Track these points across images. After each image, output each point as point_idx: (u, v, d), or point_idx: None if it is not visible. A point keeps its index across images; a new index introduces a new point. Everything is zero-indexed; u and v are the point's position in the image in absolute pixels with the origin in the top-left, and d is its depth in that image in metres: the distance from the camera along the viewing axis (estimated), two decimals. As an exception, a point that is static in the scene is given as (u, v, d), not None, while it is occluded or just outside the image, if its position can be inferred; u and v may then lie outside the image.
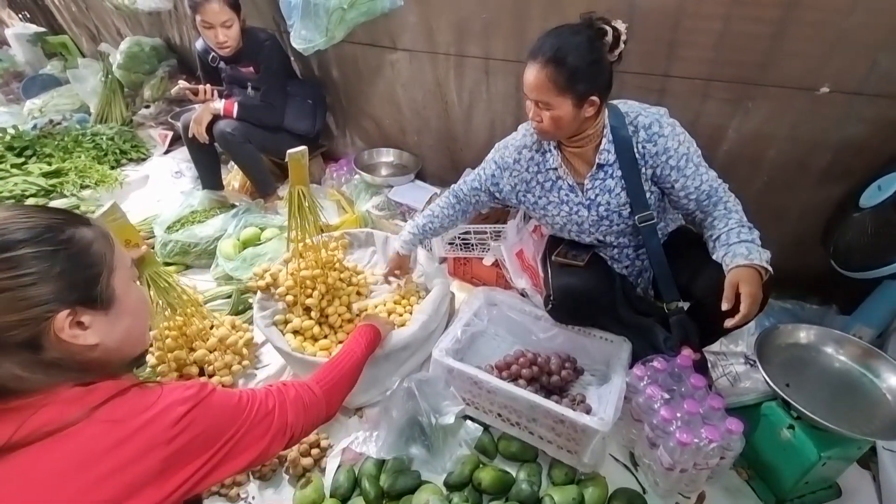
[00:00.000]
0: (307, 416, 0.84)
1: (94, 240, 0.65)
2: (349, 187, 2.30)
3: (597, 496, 1.15)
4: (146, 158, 2.96)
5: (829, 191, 1.47)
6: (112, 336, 0.65)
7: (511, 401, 1.22)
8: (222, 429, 0.69)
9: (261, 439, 0.74)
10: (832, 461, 1.04)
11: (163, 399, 0.63)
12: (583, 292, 1.31)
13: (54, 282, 0.59)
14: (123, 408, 0.60)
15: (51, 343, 0.60)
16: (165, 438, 0.61)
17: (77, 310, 0.61)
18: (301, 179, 1.31)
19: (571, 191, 1.30)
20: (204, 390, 0.68)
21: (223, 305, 1.79)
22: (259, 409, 0.76)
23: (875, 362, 1.07)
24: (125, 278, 0.69)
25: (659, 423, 1.15)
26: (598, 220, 1.31)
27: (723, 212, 1.20)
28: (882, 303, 1.34)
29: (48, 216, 0.63)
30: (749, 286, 1.04)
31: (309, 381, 0.92)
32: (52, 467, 0.56)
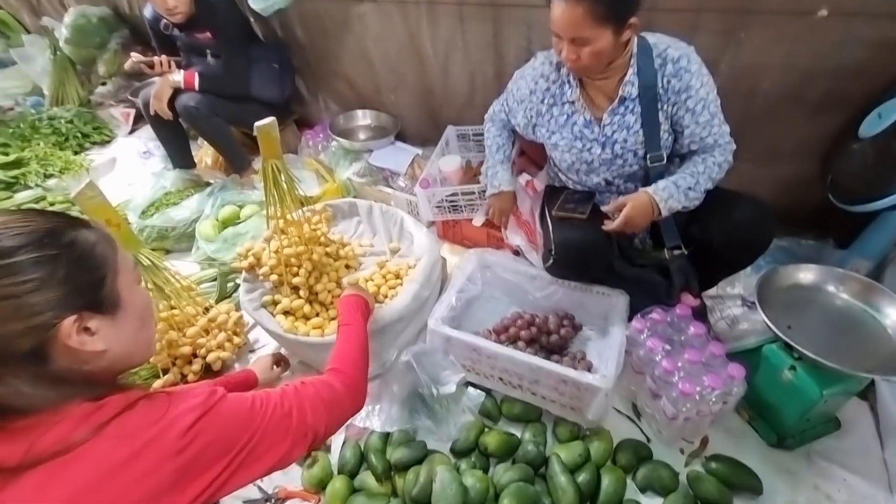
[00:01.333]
0: (330, 414, 0.80)
1: (96, 242, 0.62)
2: (327, 155, 2.20)
3: (602, 450, 1.16)
4: (110, 140, 2.81)
5: (826, 122, 1.41)
6: (120, 342, 0.63)
7: (512, 365, 1.21)
8: (235, 436, 0.66)
9: (279, 444, 0.71)
10: (833, 398, 1.05)
11: (171, 410, 0.61)
12: (585, 246, 1.27)
13: (59, 287, 0.57)
14: (132, 422, 0.59)
15: (57, 352, 0.57)
16: (175, 449, 0.59)
17: (83, 315, 0.58)
18: (273, 153, 1.22)
19: (587, 126, 1.25)
20: (213, 397, 0.65)
21: (209, 289, 1.74)
22: (274, 412, 0.71)
23: (876, 297, 1.06)
24: (130, 281, 0.66)
25: (661, 374, 1.14)
26: (610, 160, 1.26)
27: (697, 160, 1.20)
28: (880, 234, 1.32)
29: (47, 220, 0.60)
30: (634, 208, 1.16)
31: (327, 377, 0.87)
32: (64, 488, 0.54)
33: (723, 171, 1.18)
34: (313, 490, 1.16)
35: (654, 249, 1.46)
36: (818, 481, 1.12)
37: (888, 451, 1.14)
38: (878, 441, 1.18)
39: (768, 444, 1.19)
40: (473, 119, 1.99)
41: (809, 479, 1.12)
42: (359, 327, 1.05)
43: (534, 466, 1.13)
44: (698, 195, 1.19)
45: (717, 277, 1.41)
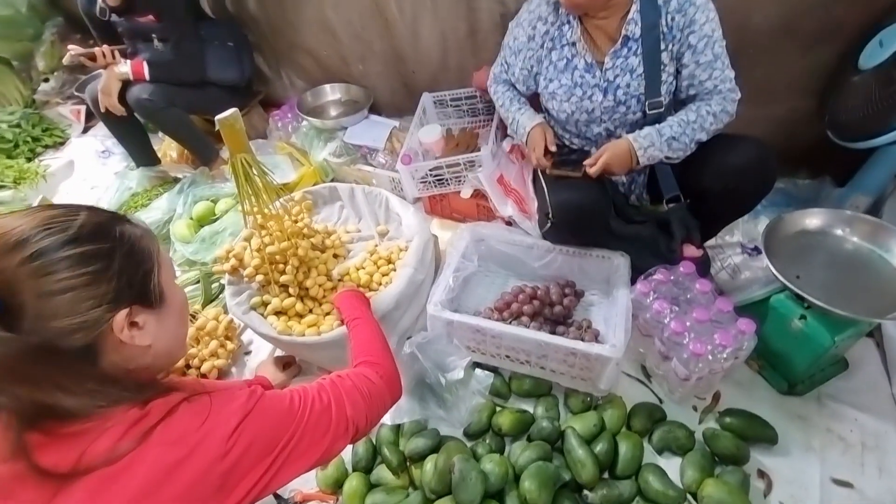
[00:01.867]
0: (370, 406, 0.78)
1: (142, 236, 0.63)
2: (299, 136, 2.07)
3: (616, 417, 1.15)
4: (64, 142, 2.62)
5: (822, 55, 1.34)
6: (163, 337, 0.64)
7: (518, 342, 1.17)
8: (278, 434, 0.65)
9: (322, 439, 0.70)
10: (844, 342, 1.04)
11: (214, 413, 0.61)
12: (584, 206, 1.22)
13: (112, 281, 0.57)
14: (177, 427, 0.58)
15: (108, 349, 0.58)
16: (221, 453, 0.58)
17: (133, 309, 0.59)
18: (240, 146, 1.12)
19: (588, 70, 1.18)
20: (253, 398, 0.64)
21: (193, 292, 1.66)
22: (313, 408, 0.70)
23: (885, 237, 1.03)
24: (170, 277, 0.68)
25: (670, 336, 1.12)
26: (612, 107, 1.20)
27: (692, 108, 1.15)
28: (879, 169, 1.28)
29: (95, 214, 0.60)
30: (611, 153, 1.15)
31: (361, 369, 0.85)
32: (116, 498, 0.54)
33: (719, 121, 1.12)
34: (330, 490, 1.14)
35: (651, 204, 1.42)
36: (830, 423, 1.13)
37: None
38: (886, 377, 1.18)
39: (779, 391, 1.19)
40: (449, 83, 1.88)
41: (822, 422, 1.13)
42: (368, 318, 1.02)
43: (550, 442, 1.11)
44: (684, 146, 1.14)
45: (719, 226, 1.38)
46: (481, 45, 1.73)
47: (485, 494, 0.98)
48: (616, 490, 1.04)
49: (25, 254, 0.52)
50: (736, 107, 1.14)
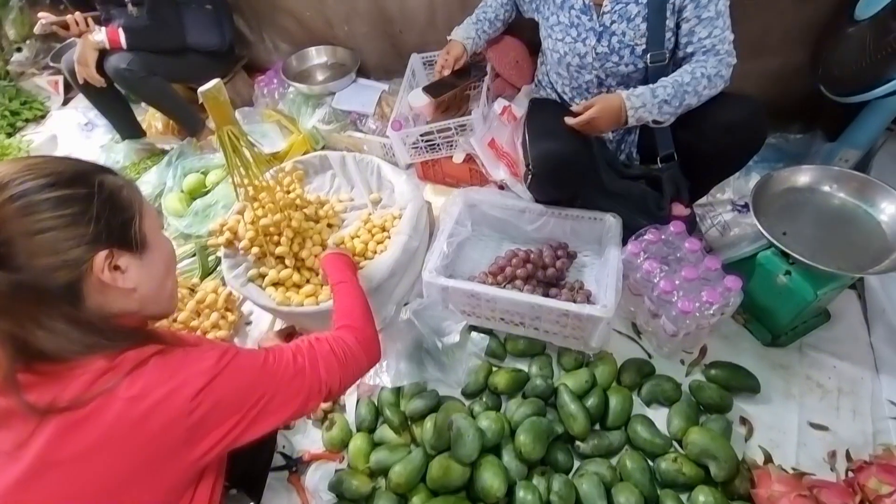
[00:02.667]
0: (345, 370, 0.81)
1: (124, 186, 0.67)
2: (286, 103, 2.02)
3: (608, 373, 1.20)
4: (45, 115, 2.55)
5: (816, 5, 1.32)
6: (148, 283, 0.67)
7: (512, 306, 1.20)
8: (248, 393, 0.68)
9: (293, 399, 0.73)
10: (827, 295, 1.07)
11: (184, 369, 0.63)
12: (564, 156, 1.21)
13: (91, 224, 0.60)
14: (145, 381, 0.60)
15: (90, 290, 0.61)
16: (187, 410, 0.61)
17: (114, 252, 0.62)
18: (225, 118, 1.10)
19: (584, 12, 1.17)
20: (224, 358, 0.66)
21: (190, 265, 1.67)
22: (287, 369, 0.74)
23: (871, 193, 1.05)
24: (155, 227, 0.71)
25: (659, 295, 1.15)
26: (605, 54, 1.19)
27: (686, 69, 1.12)
28: (870, 123, 1.28)
29: (76, 163, 0.64)
30: (600, 109, 1.12)
31: (341, 332, 0.87)
32: (78, 442, 0.57)
33: (713, 86, 1.09)
34: (336, 450, 1.20)
35: (641, 163, 1.42)
36: (810, 371, 1.18)
37: (874, 335, 1.20)
38: (865, 327, 1.23)
39: (763, 343, 1.24)
40: (438, 42, 1.80)
41: (802, 370, 1.19)
42: (352, 283, 1.04)
43: (543, 398, 1.17)
44: (674, 110, 1.12)
45: (709, 185, 1.39)
46: (469, 1, 1.67)
47: (482, 449, 1.04)
48: (606, 440, 1.10)
49: (8, 195, 0.56)
50: (730, 73, 1.12)
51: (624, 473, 1.05)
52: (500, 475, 0.99)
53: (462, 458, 1.02)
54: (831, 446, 1.07)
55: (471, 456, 1.02)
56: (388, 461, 1.10)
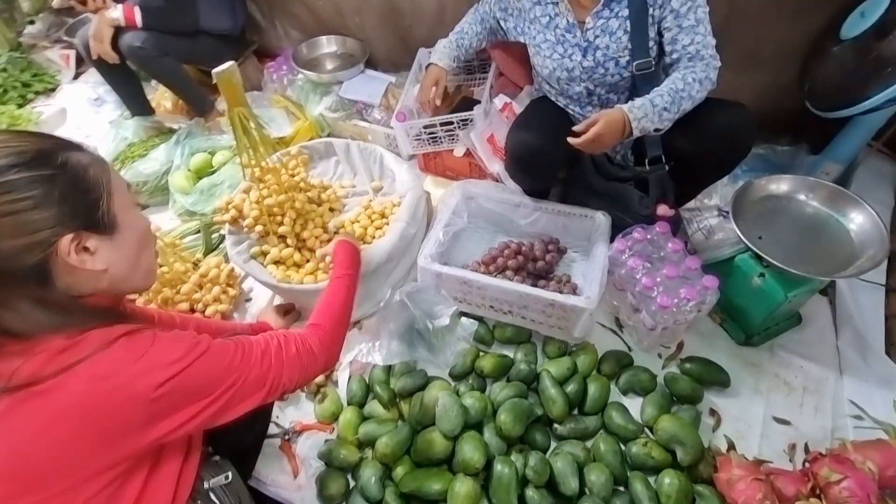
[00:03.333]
0: (302, 372, 0.84)
1: (90, 164, 0.65)
2: (294, 89, 2.08)
3: (588, 362, 1.27)
4: (55, 88, 2.59)
5: (808, 23, 1.37)
6: (119, 263, 0.67)
7: (502, 294, 1.26)
8: (211, 386, 0.69)
9: (254, 395, 0.76)
10: (797, 298, 1.14)
11: (150, 355, 0.63)
12: (534, 149, 1.27)
13: (56, 206, 0.59)
14: (107, 363, 0.61)
15: (59, 271, 0.61)
16: (149, 399, 0.62)
17: (82, 234, 0.62)
18: (237, 100, 1.15)
19: (569, 30, 1.22)
20: (194, 351, 0.67)
21: (194, 242, 1.73)
22: (252, 369, 0.75)
23: (842, 203, 1.11)
24: (126, 204, 0.69)
25: (641, 290, 1.21)
26: (592, 67, 1.24)
27: (677, 76, 1.15)
28: (851, 139, 1.34)
29: (40, 141, 0.63)
30: (604, 125, 1.12)
31: (308, 332, 0.90)
32: (36, 416, 0.59)
33: (704, 89, 1.14)
34: (327, 422, 1.27)
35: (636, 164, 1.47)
36: (778, 370, 1.25)
37: (841, 339, 1.27)
38: (834, 331, 1.30)
39: (737, 342, 1.30)
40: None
41: (771, 369, 1.25)
42: (351, 280, 1.07)
43: (526, 383, 1.23)
44: (672, 116, 1.16)
45: (697, 189, 1.45)
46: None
47: (465, 425, 1.10)
48: (583, 424, 1.17)
49: None
50: (717, 75, 1.17)
51: (597, 455, 1.11)
52: (480, 449, 1.05)
53: (445, 431, 1.09)
54: (792, 439, 1.14)
55: (454, 430, 1.08)
56: (375, 433, 1.16)
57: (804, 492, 0.97)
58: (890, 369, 1.17)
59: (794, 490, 0.98)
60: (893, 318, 1.25)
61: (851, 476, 0.93)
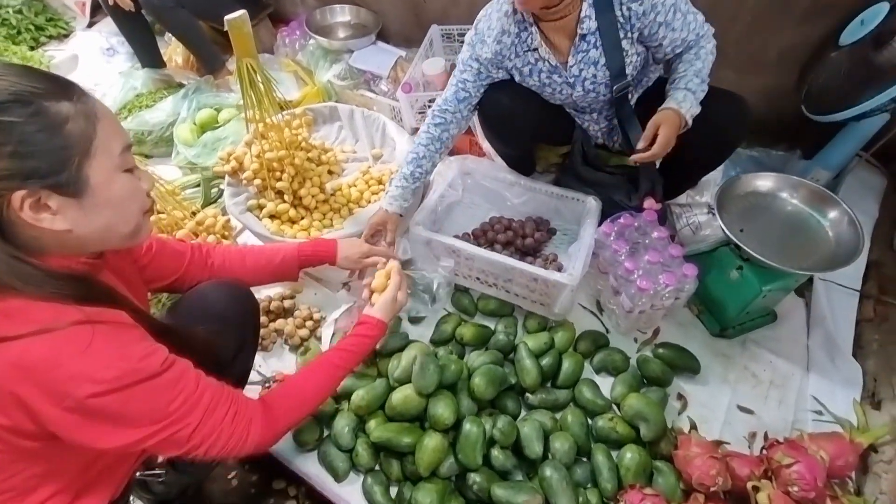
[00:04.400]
0: (224, 448, 0.73)
1: (69, 118, 0.58)
2: (305, 55, 2.09)
3: (566, 339, 1.30)
4: (68, 34, 2.60)
5: (811, 29, 1.40)
6: (87, 226, 0.62)
7: (488, 265, 1.30)
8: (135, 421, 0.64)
9: (175, 449, 0.69)
10: (772, 293, 1.17)
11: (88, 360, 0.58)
12: (506, 105, 1.29)
13: (8, 159, 0.54)
14: (41, 351, 0.57)
15: (15, 226, 0.57)
16: (62, 405, 0.58)
17: (40, 192, 0.57)
18: (247, 50, 1.18)
19: (553, 72, 1.24)
20: (129, 376, 0.61)
21: (193, 194, 1.75)
22: (184, 432, 0.67)
23: (822, 202, 1.14)
24: (108, 167, 0.62)
25: (622, 273, 1.25)
26: (583, 95, 1.27)
27: (692, 57, 1.18)
28: (842, 146, 1.37)
29: (18, 82, 0.56)
30: (667, 129, 1.12)
31: (260, 409, 0.80)
32: None
33: (714, 55, 1.18)
34: (307, 373, 1.30)
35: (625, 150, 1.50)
36: (748, 363, 1.29)
37: (812, 339, 1.31)
38: (806, 331, 1.34)
39: (711, 333, 1.34)
40: (459, 17, 1.89)
41: (741, 361, 1.29)
42: (353, 358, 0.97)
43: (504, 352, 1.27)
44: (705, 91, 1.18)
45: (686, 183, 1.48)
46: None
47: (439, 384, 1.14)
48: (553, 396, 1.20)
49: None
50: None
51: (564, 425, 1.15)
52: (451, 407, 1.09)
53: (421, 388, 1.12)
54: (753, 428, 1.18)
55: (428, 388, 1.12)
56: (352, 387, 1.20)
57: (757, 473, 1.01)
58: (854, 370, 1.21)
59: (748, 471, 1.02)
60: (864, 323, 1.29)
61: (802, 461, 0.97)
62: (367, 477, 1.11)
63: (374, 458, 1.12)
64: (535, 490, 1.01)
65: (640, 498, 0.99)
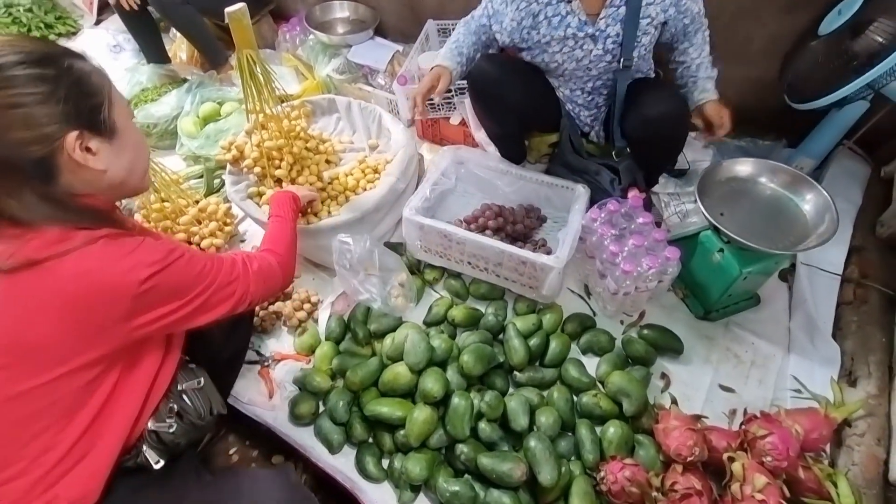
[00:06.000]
0: (267, 285, 0.94)
1: (92, 71, 0.70)
2: (305, 50, 2.15)
3: (553, 321, 1.35)
4: (76, 32, 2.67)
5: (794, 20, 1.43)
6: (117, 166, 0.73)
7: (479, 249, 1.34)
8: (186, 288, 0.77)
9: (225, 302, 0.84)
10: (752, 276, 1.21)
11: (136, 254, 0.70)
12: (494, 76, 1.35)
13: (61, 104, 0.65)
14: (91, 260, 0.67)
15: (63, 167, 0.67)
16: (132, 293, 0.69)
17: (84, 134, 0.67)
18: (246, 42, 1.23)
19: (580, 28, 1.28)
20: (171, 255, 0.74)
21: (196, 185, 1.81)
22: (223, 277, 0.84)
23: (800, 186, 1.18)
24: (125, 114, 0.75)
25: (607, 257, 1.29)
26: (600, 55, 1.31)
27: (700, 42, 1.32)
28: (824, 134, 1.41)
29: (45, 44, 0.68)
30: (723, 111, 1.31)
31: (266, 255, 0.99)
32: (31, 296, 0.65)
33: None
34: (304, 353, 1.36)
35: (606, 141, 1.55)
36: (731, 344, 1.33)
37: (794, 321, 1.34)
38: (788, 314, 1.37)
39: (696, 316, 1.38)
40: (455, 12, 1.94)
41: (724, 343, 1.33)
42: (288, 220, 1.15)
43: (493, 333, 1.31)
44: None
45: (653, 174, 1.55)
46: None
47: (430, 361, 1.19)
48: (540, 374, 1.25)
49: None
50: None
51: (549, 401, 1.20)
52: (440, 381, 1.14)
53: (411, 364, 1.17)
54: (733, 405, 1.22)
55: (418, 364, 1.17)
56: (347, 365, 1.25)
57: (734, 446, 1.06)
58: (833, 350, 1.24)
59: (725, 444, 1.06)
60: (844, 306, 1.32)
61: (776, 433, 1.01)
62: (361, 449, 1.16)
63: (367, 431, 1.17)
64: (520, 459, 1.05)
65: (620, 467, 1.03)
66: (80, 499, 0.73)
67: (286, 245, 1.07)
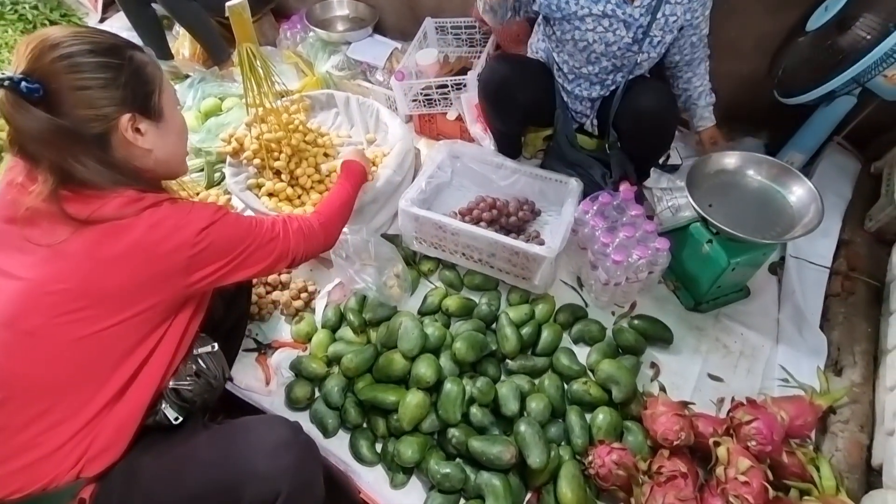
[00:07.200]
0: (307, 244, 1.01)
1: (149, 63, 0.81)
2: (305, 47, 2.18)
3: (546, 311, 1.37)
4: (81, 29, 2.71)
5: (785, 17, 1.45)
6: (162, 147, 0.83)
7: (473, 240, 1.37)
8: (235, 243, 0.87)
9: (268, 256, 0.93)
10: (741, 267, 1.23)
11: (191, 214, 0.81)
12: (505, 75, 1.38)
13: (121, 89, 0.75)
14: (161, 214, 0.78)
15: (116, 142, 0.77)
16: (191, 243, 0.79)
17: (136, 116, 0.78)
18: (247, 36, 1.26)
19: (619, 6, 1.24)
20: (220, 212, 0.85)
21: (197, 178, 1.84)
22: (265, 233, 0.93)
23: (786, 178, 1.20)
24: (172, 102, 0.86)
25: (599, 248, 1.32)
26: (629, 44, 1.30)
27: (703, 72, 1.40)
28: (813, 130, 1.43)
29: (112, 37, 0.79)
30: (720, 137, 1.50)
31: (310, 215, 1.07)
32: (115, 245, 0.75)
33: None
34: (301, 341, 1.38)
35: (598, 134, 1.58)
36: (720, 335, 1.35)
37: (783, 312, 1.36)
38: (777, 306, 1.40)
39: (686, 308, 1.40)
40: (453, 10, 1.96)
41: (713, 333, 1.35)
42: (352, 186, 1.23)
43: (486, 322, 1.34)
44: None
45: (644, 165, 1.56)
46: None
47: (423, 348, 1.21)
48: (532, 362, 1.27)
49: (59, 53, 0.71)
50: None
51: (540, 388, 1.22)
52: (433, 367, 1.16)
53: (405, 351, 1.20)
54: (721, 394, 1.24)
55: (412, 350, 1.19)
56: (343, 352, 1.28)
57: (720, 431, 1.08)
58: (821, 341, 1.26)
59: (712, 429, 1.08)
60: (832, 297, 1.34)
61: (762, 418, 1.03)
62: (355, 433, 1.18)
63: (361, 415, 1.20)
64: (510, 443, 1.08)
65: (608, 451, 1.05)
66: (110, 446, 0.80)
67: (334, 209, 1.14)
